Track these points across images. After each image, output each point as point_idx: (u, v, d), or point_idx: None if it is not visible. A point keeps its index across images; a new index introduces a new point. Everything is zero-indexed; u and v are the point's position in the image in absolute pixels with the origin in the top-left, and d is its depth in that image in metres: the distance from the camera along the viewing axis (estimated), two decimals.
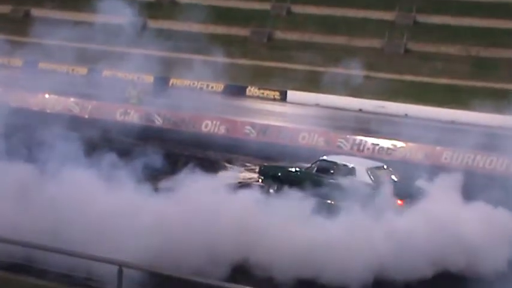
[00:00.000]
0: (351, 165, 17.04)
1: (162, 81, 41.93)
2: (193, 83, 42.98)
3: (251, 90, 44.52)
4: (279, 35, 50.10)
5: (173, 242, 11.48)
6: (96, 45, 27.31)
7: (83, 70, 40.35)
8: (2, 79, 26.09)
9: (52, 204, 11.80)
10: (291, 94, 43.37)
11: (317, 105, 40.79)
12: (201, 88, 43.29)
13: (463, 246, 12.98)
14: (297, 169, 17.86)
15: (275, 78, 43.76)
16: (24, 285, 9.11)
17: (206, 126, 28.45)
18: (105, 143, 16.47)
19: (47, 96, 30.48)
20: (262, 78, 44.68)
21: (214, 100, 37.38)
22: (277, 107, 39.44)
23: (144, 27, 36.78)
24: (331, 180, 16.67)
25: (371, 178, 16.42)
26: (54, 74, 35.64)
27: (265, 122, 29.98)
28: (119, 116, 29.41)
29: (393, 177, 16.82)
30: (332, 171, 16.99)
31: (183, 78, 42.04)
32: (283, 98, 43.62)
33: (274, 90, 44.10)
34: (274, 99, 43.43)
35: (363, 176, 16.52)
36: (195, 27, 35.64)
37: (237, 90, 43.55)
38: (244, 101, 40.99)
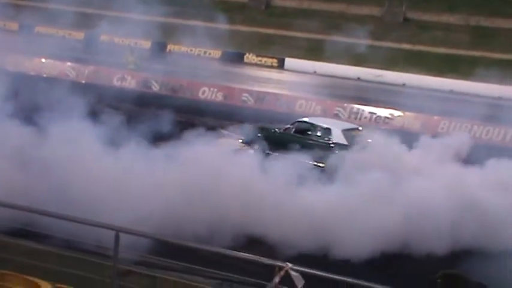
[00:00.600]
0: (326, 126, 17.58)
1: (160, 47, 41.76)
2: (191, 49, 42.83)
3: (249, 57, 44.41)
4: (277, 1, 49.78)
5: (176, 207, 11.46)
6: (93, 9, 27.13)
7: (79, 35, 40.08)
8: None
9: (53, 168, 11.79)
10: (289, 62, 43.25)
11: (315, 73, 40.69)
12: (198, 54, 43.16)
13: (478, 213, 12.18)
14: (277, 129, 18.27)
15: (273, 46, 43.61)
16: (24, 249, 9.16)
17: (203, 93, 28.37)
18: (104, 108, 16.40)
19: (43, 60, 30.30)
20: (260, 45, 44.53)
21: (212, 67, 37.22)
22: (275, 75, 39.32)
23: None
24: (308, 141, 17.17)
25: (346, 139, 16.92)
26: (50, 38, 35.39)
27: (263, 89, 29.90)
28: (115, 82, 29.30)
29: (368, 139, 16.96)
30: (309, 132, 17.55)
31: (181, 44, 41.87)
32: (281, 65, 43.53)
33: (272, 58, 43.99)
34: (271, 67, 43.33)
35: (338, 136, 17.07)
36: None
37: (234, 57, 43.42)
38: (241, 68, 40.86)
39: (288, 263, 6.19)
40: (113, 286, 7.77)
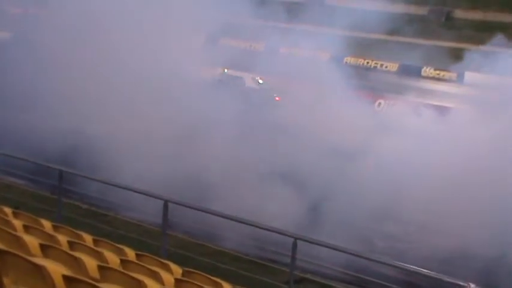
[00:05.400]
0: None
1: (337, 59, 41.93)
2: (367, 62, 42.65)
3: (426, 70, 43.39)
4: (459, 13, 48.28)
5: None
6: (275, 22, 27.83)
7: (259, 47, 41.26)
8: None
9: None
10: (469, 76, 41.67)
11: (497, 88, 38.87)
12: (374, 67, 42.86)
13: None
14: None
15: (452, 59, 42.26)
16: (208, 251, 9.61)
17: (379, 105, 28.20)
18: None
19: (226, 71, 31.56)
20: (438, 58, 43.35)
21: (388, 79, 36.83)
22: (454, 89, 38.06)
23: (321, 4, 36.91)
24: None
25: None
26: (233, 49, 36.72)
27: (440, 103, 29.11)
28: None
29: None
30: None
31: (357, 57, 41.83)
32: (460, 79, 42.06)
33: (450, 71, 42.67)
34: (450, 81, 42.01)
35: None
36: (372, 6, 35.23)
37: (411, 70, 42.61)
38: (419, 82, 40.00)
39: (470, 284, 6.00)
40: None
